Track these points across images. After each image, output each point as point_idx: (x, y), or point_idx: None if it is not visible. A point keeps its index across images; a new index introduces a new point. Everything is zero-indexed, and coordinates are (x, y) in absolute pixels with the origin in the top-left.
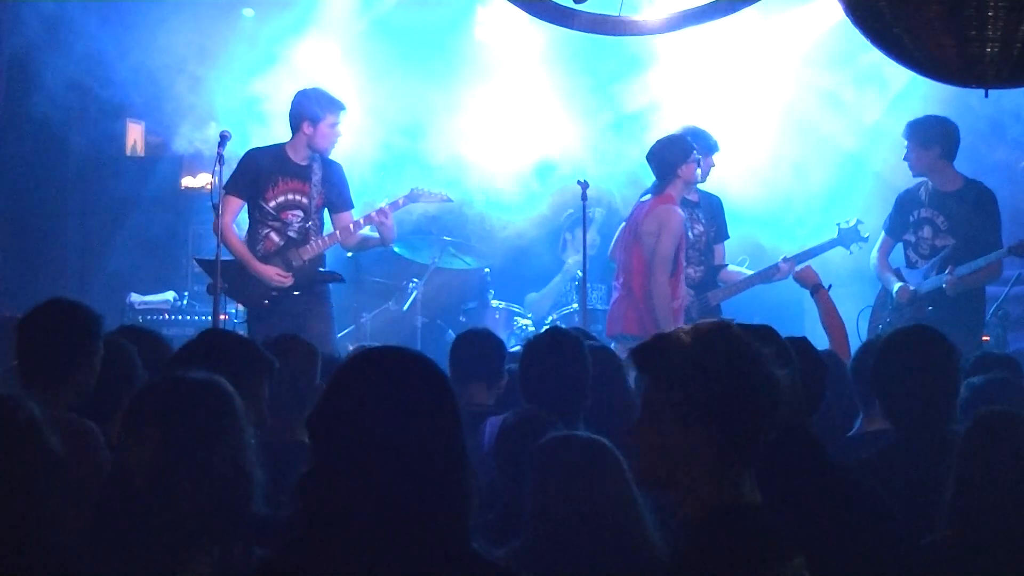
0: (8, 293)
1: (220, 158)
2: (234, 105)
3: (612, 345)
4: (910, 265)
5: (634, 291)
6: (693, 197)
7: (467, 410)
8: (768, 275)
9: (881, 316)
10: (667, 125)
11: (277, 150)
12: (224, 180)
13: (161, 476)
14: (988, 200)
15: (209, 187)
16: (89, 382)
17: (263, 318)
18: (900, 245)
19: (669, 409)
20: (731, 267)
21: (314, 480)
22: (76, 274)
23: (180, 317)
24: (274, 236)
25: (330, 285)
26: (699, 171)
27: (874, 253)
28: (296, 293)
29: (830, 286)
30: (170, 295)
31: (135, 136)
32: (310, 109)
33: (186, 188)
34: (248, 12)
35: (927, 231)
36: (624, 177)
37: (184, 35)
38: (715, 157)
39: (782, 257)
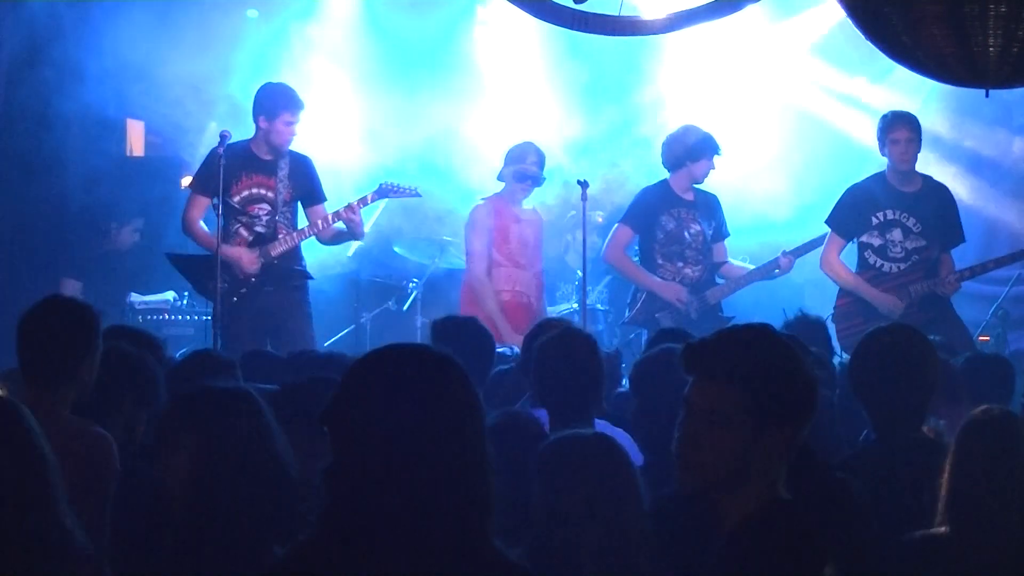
0: (8, 294)
1: (220, 158)
2: (234, 105)
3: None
4: (868, 268)
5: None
6: (689, 196)
7: None
8: (768, 271)
9: (856, 324)
10: (667, 125)
11: (243, 146)
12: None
13: (211, 483)
14: (950, 196)
15: None
16: (89, 379)
17: (237, 315)
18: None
19: (745, 411)
20: (733, 262)
21: (334, 477)
22: (76, 274)
23: (180, 317)
24: (243, 231)
25: (321, 285)
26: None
27: (828, 256)
28: (269, 289)
29: None
30: (170, 295)
31: (135, 136)
32: (267, 104)
33: (186, 188)
34: (252, 13)
35: (897, 234)
36: (621, 178)
37: (186, 35)
38: (715, 160)
39: (781, 252)
